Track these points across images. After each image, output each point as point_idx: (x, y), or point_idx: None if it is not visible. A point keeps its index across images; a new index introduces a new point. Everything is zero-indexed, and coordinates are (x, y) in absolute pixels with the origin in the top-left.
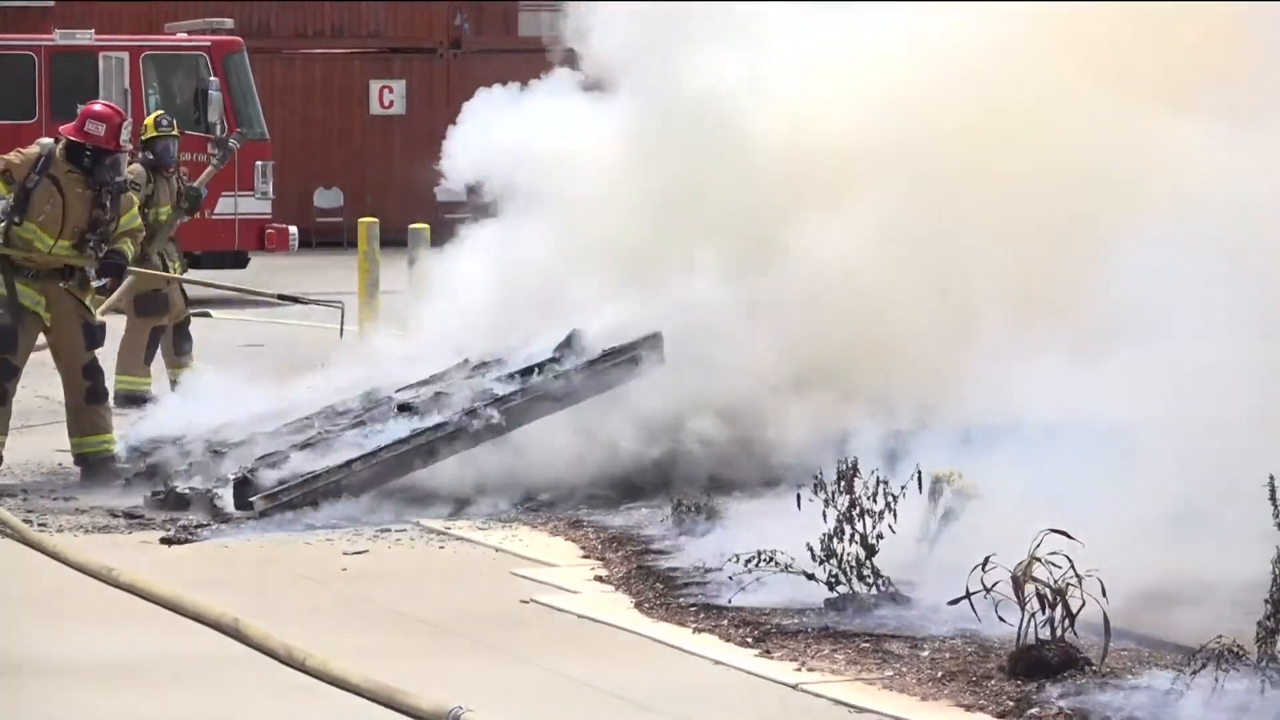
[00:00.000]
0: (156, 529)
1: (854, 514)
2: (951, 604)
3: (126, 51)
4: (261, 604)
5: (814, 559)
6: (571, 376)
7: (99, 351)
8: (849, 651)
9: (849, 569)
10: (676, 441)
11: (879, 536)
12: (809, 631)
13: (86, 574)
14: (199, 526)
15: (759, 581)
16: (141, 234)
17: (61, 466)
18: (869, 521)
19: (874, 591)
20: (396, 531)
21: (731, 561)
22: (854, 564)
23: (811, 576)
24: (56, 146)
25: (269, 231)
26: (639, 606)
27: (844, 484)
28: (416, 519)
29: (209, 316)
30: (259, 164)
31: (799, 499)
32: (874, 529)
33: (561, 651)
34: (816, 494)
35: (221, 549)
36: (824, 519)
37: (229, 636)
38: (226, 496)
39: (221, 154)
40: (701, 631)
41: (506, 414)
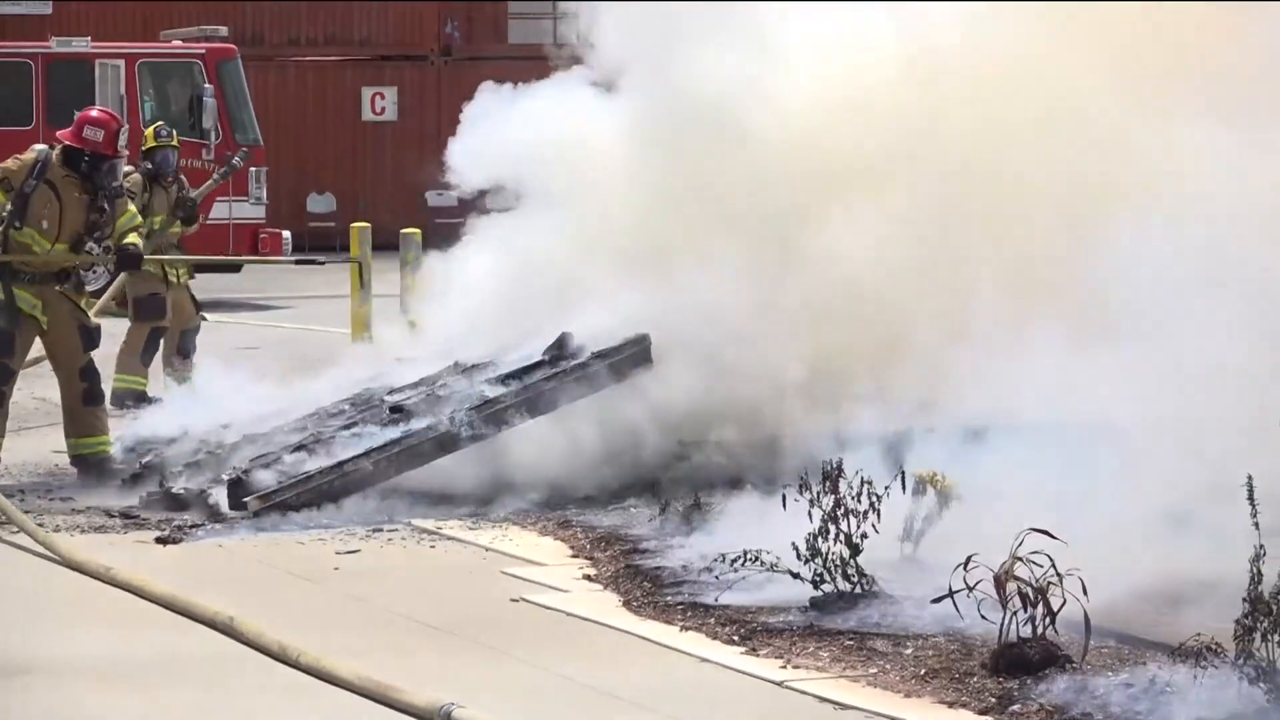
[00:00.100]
0: (152, 529)
1: (838, 514)
2: (934, 602)
3: (122, 59)
4: (256, 603)
5: (799, 558)
6: (561, 379)
7: (95, 354)
8: (833, 649)
9: (833, 568)
10: (667, 442)
11: (863, 536)
12: (794, 629)
13: (84, 573)
14: (194, 526)
15: (745, 580)
16: (144, 229)
17: (58, 467)
18: (853, 521)
19: (858, 590)
20: (388, 531)
21: (718, 561)
22: (838, 563)
23: (797, 575)
24: (53, 152)
25: (263, 236)
26: (627, 605)
27: (828, 484)
28: (408, 519)
29: (204, 320)
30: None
31: (784, 499)
32: (858, 528)
33: (551, 649)
34: (802, 494)
35: (216, 549)
36: (809, 519)
37: (224, 634)
38: (221, 497)
39: (224, 170)
40: (688, 630)
41: (497, 416)
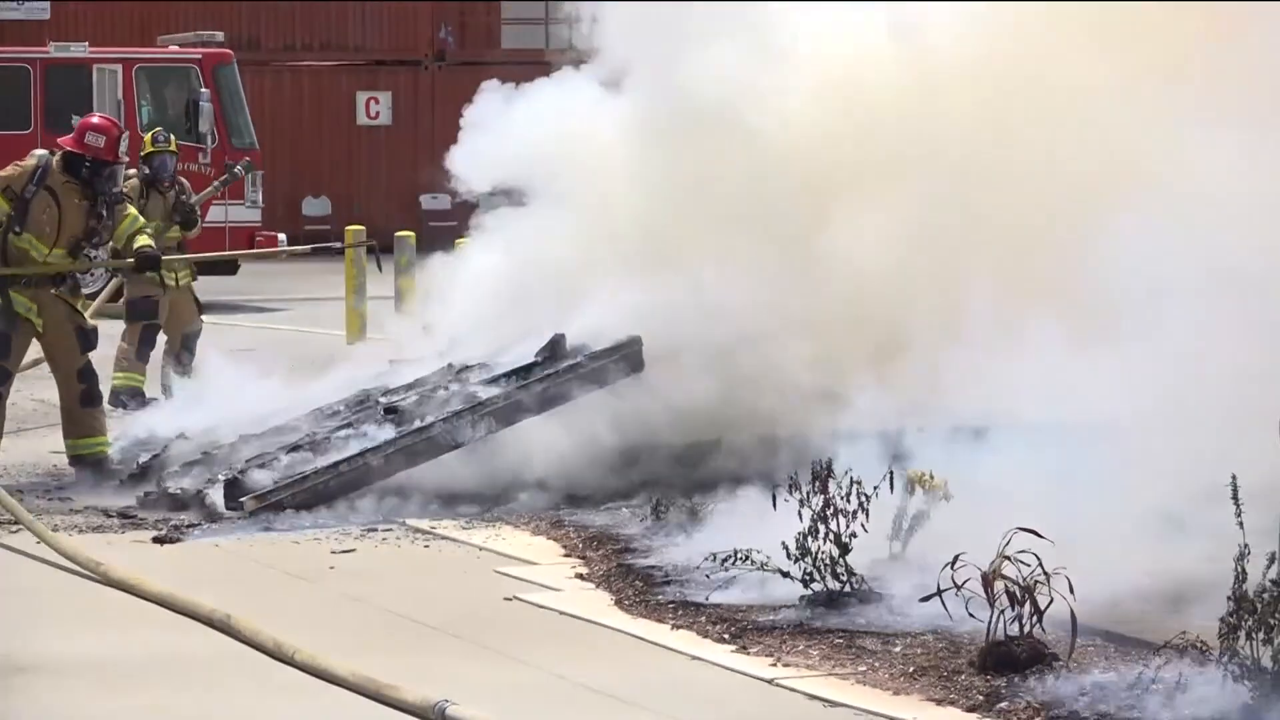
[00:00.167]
0: (149, 528)
1: (828, 514)
2: (923, 601)
3: (120, 64)
4: (251, 602)
5: (789, 557)
6: (553, 381)
7: (93, 355)
8: (823, 647)
9: (823, 567)
10: (657, 442)
11: (852, 535)
12: (784, 628)
13: (77, 562)
14: (191, 526)
15: (735, 580)
16: (149, 229)
17: (57, 468)
18: (842, 521)
19: (847, 589)
20: (383, 531)
21: (709, 560)
22: (828, 562)
23: (786, 574)
24: (53, 158)
25: (259, 239)
26: (619, 604)
27: (818, 484)
28: (402, 519)
29: (202, 321)
30: (249, 173)
31: (775, 499)
32: (847, 528)
33: (543, 647)
34: (791, 494)
35: (212, 548)
36: (799, 518)
37: (219, 632)
38: (217, 497)
39: (225, 179)
40: (679, 628)
41: (489, 417)
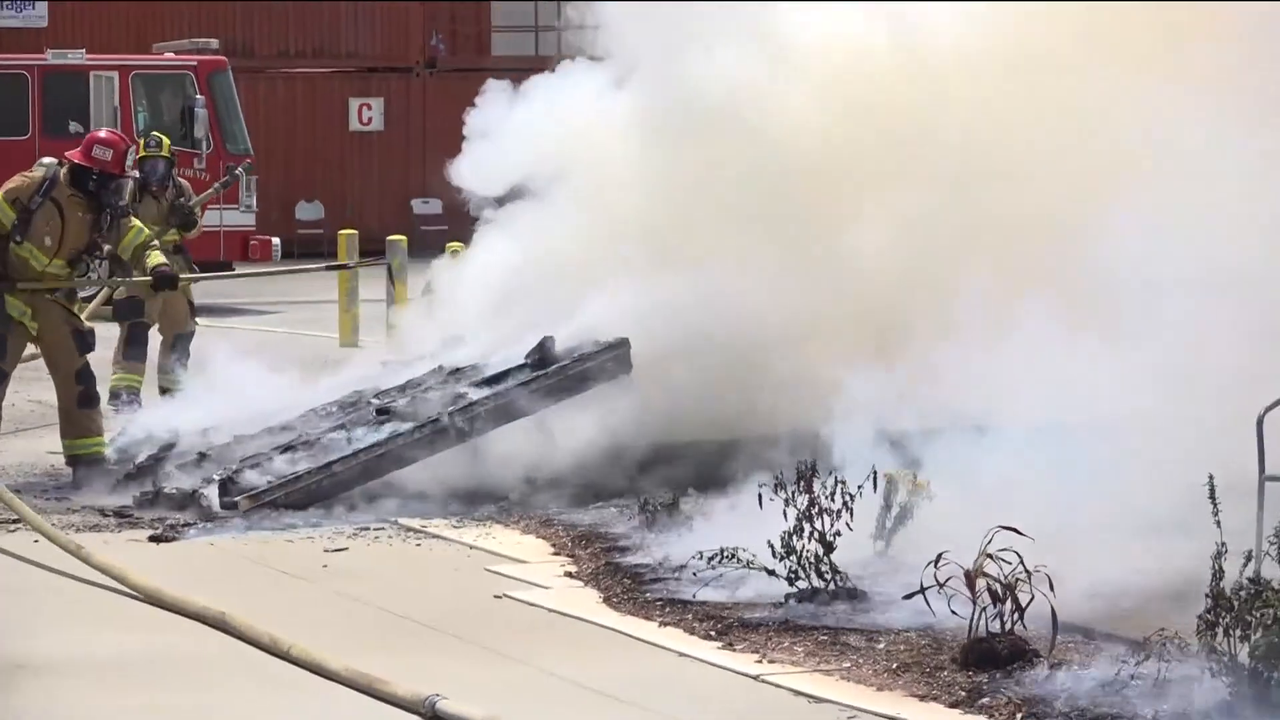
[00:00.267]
0: (145, 527)
1: (813, 513)
2: (906, 598)
3: (116, 71)
4: (245, 600)
5: (774, 556)
6: (543, 383)
7: (90, 357)
8: (808, 644)
9: (808, 565)
10: (648, 441)
11: (836, 534)
12: (770, 625)
13: (58, 543)
14: (186, 525)
15: (722, 577)
16: (155, 242)
17: (54, 468)
18: (827, 520)
19: (832, 587)
20: (375, 530)
21: (696, 558)
22: (813, 560)
23: (772, 573)
24: (61, 170)
25: (253, 243)
26: (607, 601)
27: (803, 484)
28: (394, 518)
29: (197, 324)
30: (243, 177)
31: (760, 498)
32: (832, 527)
33: (533, 644)
34: (777, 493)
35: (208, 547)
36: (784, 518)
37: (215, 629)
38: (212, 496)
39: (225, 181)
40: (667, 625)
41: (479, 418)
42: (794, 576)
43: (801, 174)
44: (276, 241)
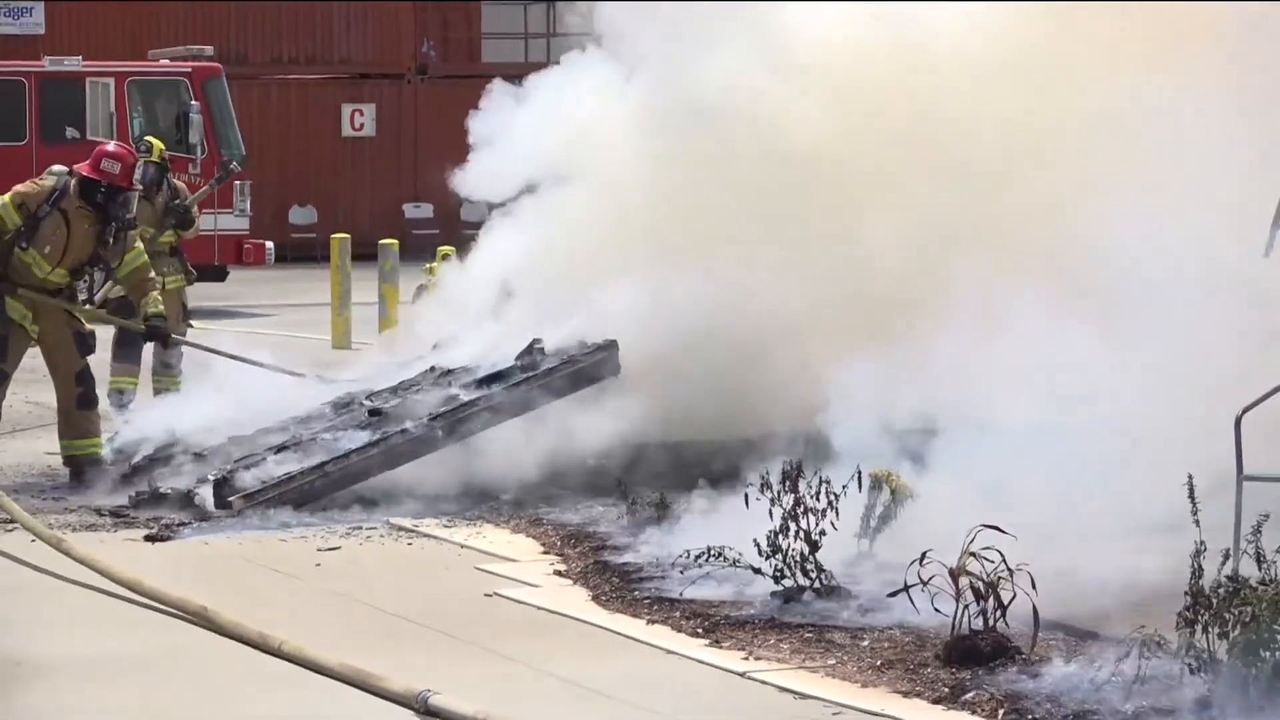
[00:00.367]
0: (141, 527)
1: (798, 512)
2: (890, 596)
3: (112, 77)
4: (239, 598)
5: (760, 554)
6: (532, 384)
7: (88, 360)
8: (793, 641)
9: (793, 564)
10: (637, 442)
11: (821, 533)
12: (756, 623)
13: (41, 538)
14: (181, 524)
15: (709, 576)
16: (150, 273)
17: (51, 468)
18: (812, 519)
19: (817, 585)
20: (367, 529)
21: (683, 557)
22: (798, 559)
23: (758, 571)
24: (71, 181)
25: (247, 246)
26: (596, 599)
27: (788, 484)
28: (386, 517)
29: (190, 327)
30: (237, 183)
31: (747, 498)
32: (817, 526)
33: (523, 641)
34: (763, 493)
35: (202, 546)
36: (770, 517)
37: (206, 628)
38: (207, 496)
39: (220, 175)
40: (655, 623)
41: (469, 419)
42: (780, 575)
43: (804, 172)
44: (270, 245)
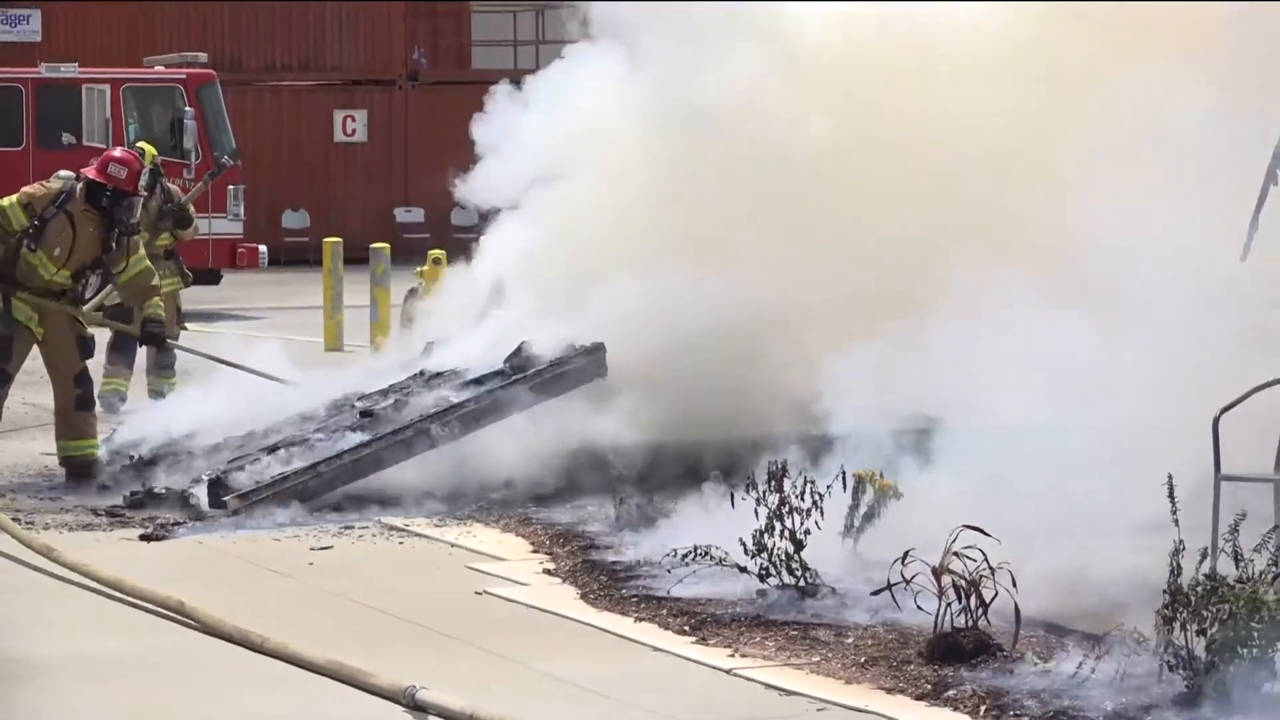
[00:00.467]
0: (136, 526)
1: (783, 511)
2: (874, 595)
3: (108, 83)
4: (233, 596)
5: (746, 553)
6: (520, 386)
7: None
8: (779, 639)
9: (779, 563)
10: (623, 442)
11: (806, 532)
12: (741, 620)
13: (32, 547)
14: (175, 524)
15: (695, 574)
16: (153, 280)
17: (48, 468)
18: (797, 518)
19: (802, 583)
20: (359, 529)
21: (670, 556)
22: (783, 558)
23: (744, 569)
24: (78, 185)
25: (240, 250)
26: (584, 597)
27: (774, 484)
28: (378, 517)
29: (185, 329)
30: (231, 188)
31: (732, 497)
32: (802, 525)
33: (512, 639)
34: (749, 493)
35: (197, 545)
36: (755, 516)
37: (198, 628)
38: (201, 496)
39: (214, 172)
40: (642, 621)
41: (460, 421)
42: (765, 573)
43: (804, 171)
44: (263, 249)
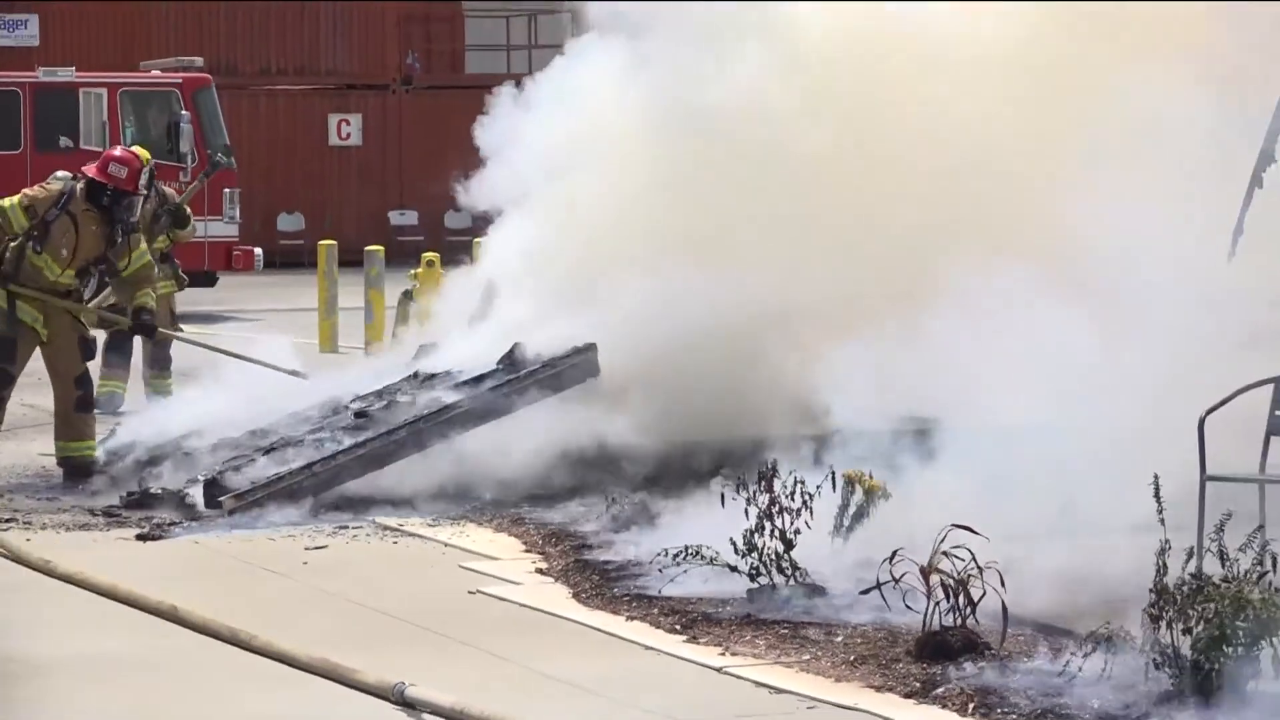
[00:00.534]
0: (132, 526)
1: (773, 511)
2: (863, 594)
3: (105, 87)
4: (228, 595)
5: (737, 553)
6: (512, 387)
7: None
8: (769, 637)
9: (769, 562)
10: (615, 442)
11: (796, 532)
12: (732, 619)
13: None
14: (172, 524)
15: (686, 574)
16: (152, 274)
17: (45, 469)
18: (787, 518)
19: (792, 582)
20: (354, 529)
21: (661, 555)
22: (773, 557)
23: (734, 569)
24: (78, 185)
25: (236, 253)
26: (576, 597)
27: (764, 484)
28: (372, 517)
29: (182, 331)
30: (227, 191)
31: (723, 497)
32: (792, 525)
33: (505, 638)
34: (739, 493)
35: (193, 545)
36: (746, 516)
37: (172, 622)
38: (197, 496)
39: (209, 169)
40: (634, 619)
41: (452, 421)
42: (755, 573)
43: (805, 171)
44: (259, 251)
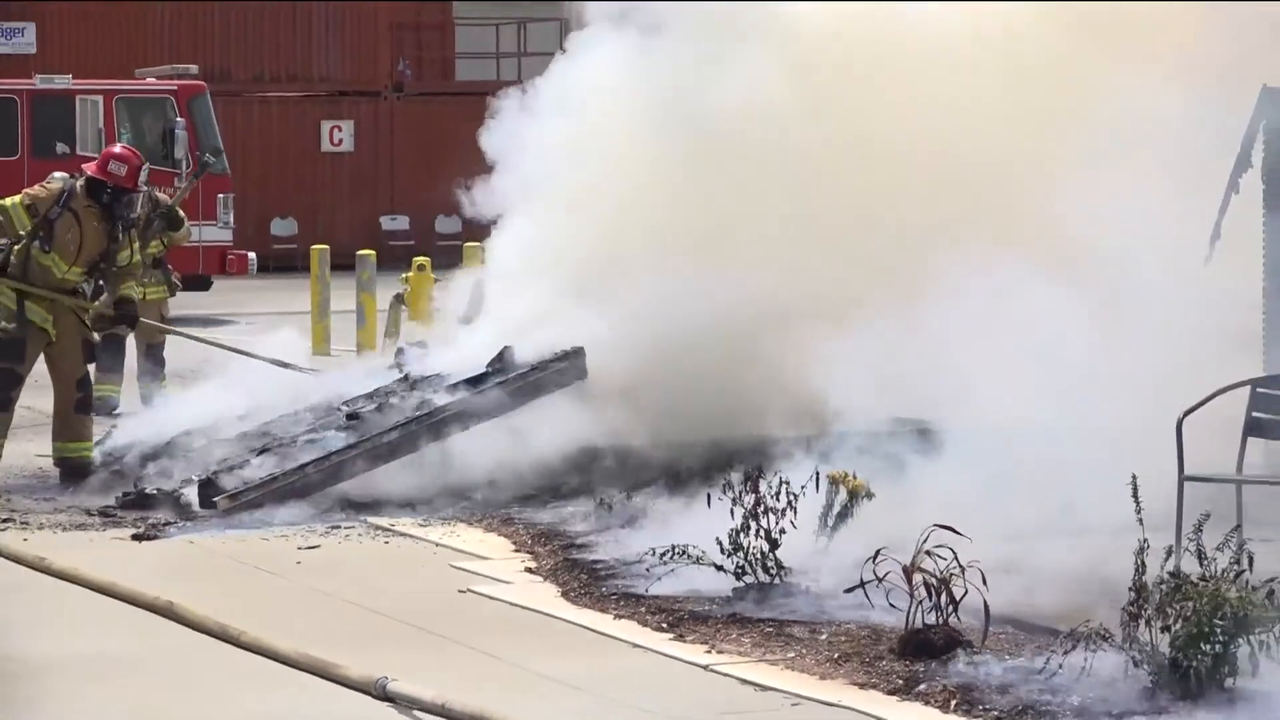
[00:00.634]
0: (128, 526)
1: (759, 511)
2: (847, 592)
3: (100, 94)
4: (223, 594)
5: (723, 552)
6: (500, 389)
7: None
8: (754, 635)
9: (754, 561)
10: (604, 444)
11: (781, 532)
12: (718, 618)
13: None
14: (167, 524)
15: (673, 573)
16: (137, 270)
17: (42, 470)
18: (772, 518)
19: (777, 581)
20: (346, 529)
21: (648, 554)
22: (759, 557)
23: (720, 568)
24: (77, 183)
25: (230, 257)
26: (565, 595)
27: (749, 484)
28: (364, 517)
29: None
30: (221, 196)
31: (709, 498)
32: (777, 525)
33: (495, 636)
34: (725, 493)
35: (187, 544)
36: (731, 516)
37: (166, 619)
38: (192, 497)
39: (199, 170)
40: (621, 618)
41: (444, 423)
42: (741, 572)
43: (805, 169)
44: (252, 256)
